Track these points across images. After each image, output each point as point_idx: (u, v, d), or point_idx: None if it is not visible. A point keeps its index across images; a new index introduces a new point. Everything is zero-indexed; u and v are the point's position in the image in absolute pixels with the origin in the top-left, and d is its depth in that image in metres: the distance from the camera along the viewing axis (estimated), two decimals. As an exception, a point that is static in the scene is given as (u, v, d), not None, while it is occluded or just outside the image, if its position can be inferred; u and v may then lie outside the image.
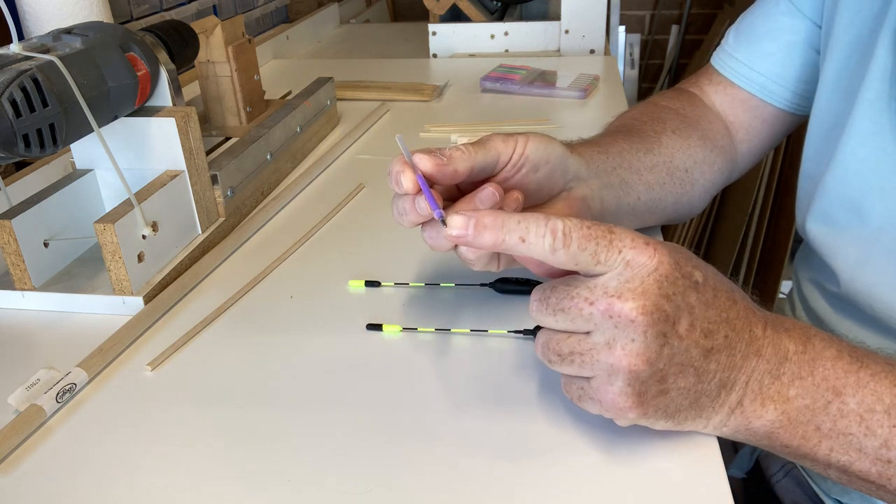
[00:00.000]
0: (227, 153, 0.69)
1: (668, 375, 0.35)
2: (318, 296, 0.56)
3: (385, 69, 1.19)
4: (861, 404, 0.36)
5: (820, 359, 0.37)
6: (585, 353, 0.36)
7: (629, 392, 0.35)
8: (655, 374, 0.35)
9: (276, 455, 0.41)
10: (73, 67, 0.50)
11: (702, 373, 0.36)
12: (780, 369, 0.37)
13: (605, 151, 0.55)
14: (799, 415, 0.37)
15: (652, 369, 0.35)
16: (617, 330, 0.35)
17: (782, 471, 0.63)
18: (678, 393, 0.36)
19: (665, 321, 0.35)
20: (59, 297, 0.56)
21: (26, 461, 0.42)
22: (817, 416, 0.37)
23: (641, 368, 0.35)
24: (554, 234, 0.35)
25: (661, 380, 0.35)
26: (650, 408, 0.36)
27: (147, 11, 1.07)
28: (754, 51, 0.64)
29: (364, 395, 0.45)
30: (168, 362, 0.50)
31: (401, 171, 0.41)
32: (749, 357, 0.37)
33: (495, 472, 0.39)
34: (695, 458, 0.39)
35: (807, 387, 0.37)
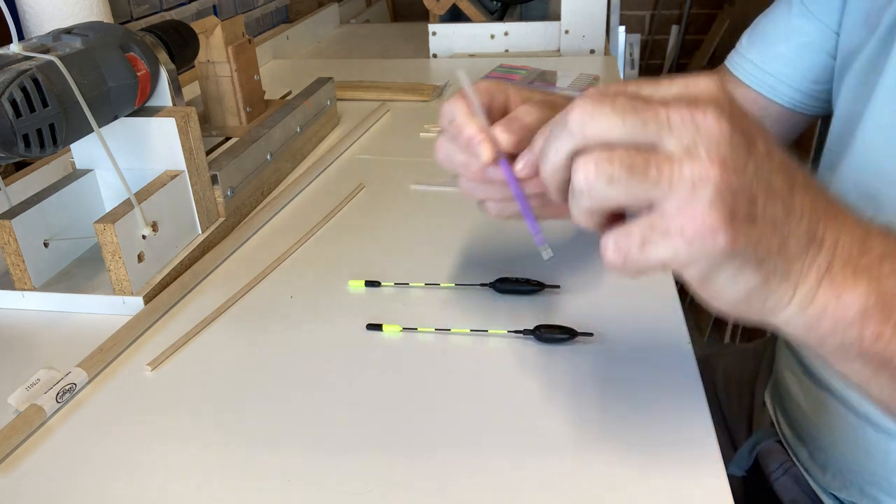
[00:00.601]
0: (227, 153, 0.69)
1: (757, 197, 0.30)
2: (318, 296, 0.56)
3: (385, 69, 1.19)
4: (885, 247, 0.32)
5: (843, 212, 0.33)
6: (665, 164, 0.29)
7: (720, 206, 0.28)
8: (745, 190, 0.29)
9: (276, 455, 0.41)
10: (73, 67, 0.50)
11: (789, 207, 0.31)
12: (866, 241, 0.32)
13: None
14: (892, 297, 0.31)
15: (741, 181, 0.29)
16: (699, 135, 0.29)
17: (781, 468, 0.63)
18: (766, 226, 0.30)
19: (744, 135, 0.29)
20: (59, 297, 0.56)
21: (26, 461, 0.42)
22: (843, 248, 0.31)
23: (732, 177, 0.29)
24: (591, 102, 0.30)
25: (751, 200, 0.30)
26: (741, 235, 0.29)
27: (147, 11, 1.07)
28: (766, 52, 0.65)
29: (364, 395, 0.45)
30: (168, 362, 0.50)
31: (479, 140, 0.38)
32: (832, 215, 0.32)
33: (495, 472, 0.39)
34: (694, 457, 0.39)
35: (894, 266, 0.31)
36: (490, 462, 0.40)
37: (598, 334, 0.49)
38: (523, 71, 1.07)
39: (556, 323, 0.50)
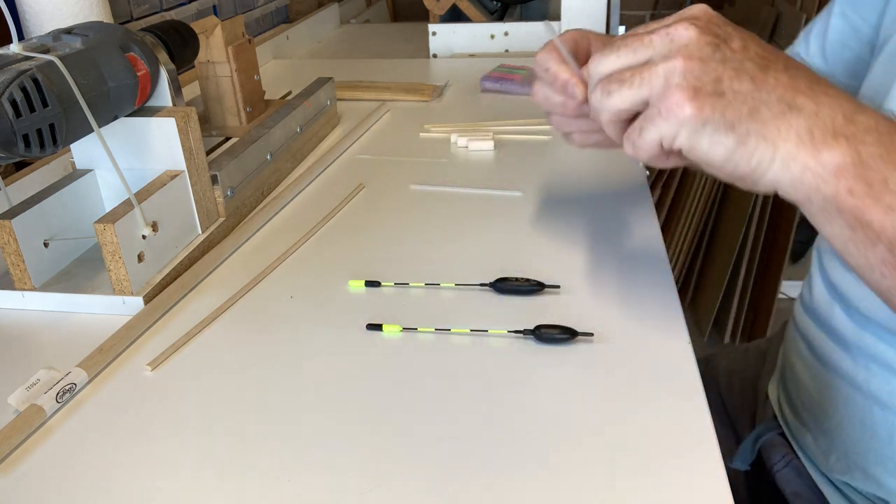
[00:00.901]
0: (227, 153, 0.69)
1: (722, 77, 0.37)
2: (318, 296, 0.56)
3: (385, 69, 1.19)
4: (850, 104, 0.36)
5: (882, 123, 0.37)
6: (645, 71, 0.39)
7: (684, 85, 0.37)
8: (709, 72, 0.37)
9: (276, 455, 0.41)
10: (73, 67, 0.50)
11: (759, 82, 0.37)
12: (854, 115, 0.37)
13: None
14: (871, 160, 0.35)
15: (705, 66, 0.37)
16: (673, 44, 0.38)
17: (783, 460, 0.63)
18: (735, 96, 0.37)
19: (716, 37, 0.38)
20: (59, 297, 0.56)
21: (26, 461, 0.42)
22: (888, 169, 0.35)
23: (695, 64, 0.37)
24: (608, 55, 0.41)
25: (716, 80, 0.37)
26: (706, 105, 0.37)
27: (147, 11, 1.07)
28: (808, 47, 0.70)
29: (364, 395, 0.45)
30: (168, 362, 0.50)
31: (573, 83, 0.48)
32: (815, 89, 0.37)
33: (495, 471, 0.39)
34: (695, 457, 0.39)
35: (883, 140, 0.36)
36: (490, 462, 0.40)
37: (598, 334, 0.49)
38: (523, 71, 1.07)
39: (556, 323, 0.50)
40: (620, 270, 0.57)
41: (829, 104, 0.37)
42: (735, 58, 0.38)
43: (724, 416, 0.78)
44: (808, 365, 0.61)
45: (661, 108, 0.38)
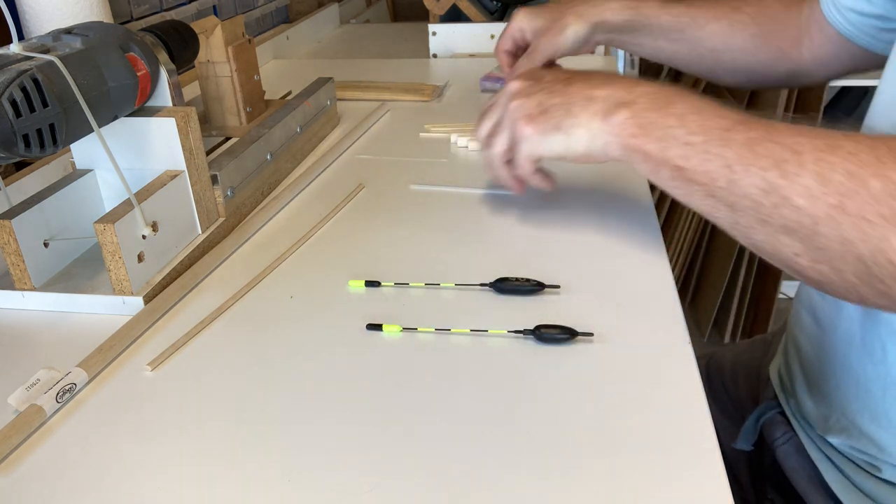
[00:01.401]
0: (227, 153, 0.69)
1: (542, 100, 0.55)
2: (318, 296, 0.56)
3: (385, 69, 1.19)
4: (683, 109, 0.48)
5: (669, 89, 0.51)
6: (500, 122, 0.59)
7: (521, 117, 0.56)
8: (532, 100, 0.56)
9: (276, 454, 0.41)
10: (73, 67, 0.50)
11: (566, 93, 0.54)
12: (633, 87, 0.52)
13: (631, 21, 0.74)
14: (642, 112, 0.50)
15: (528, 98, 0.56)
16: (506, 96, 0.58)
17: (783, 437, 0.65)
18: (553, 108, 0.54)
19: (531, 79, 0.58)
20: (59, 297, 0.56)
21: (26, 461, 0.42)
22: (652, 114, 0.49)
23: (522, 100, 0.56)
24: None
25: (538, 103, 0.55)
26: (538, 121, 0.55)
27: (147, 11, 1.07)
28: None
29: (364, 395, 0.45)
30: (168, 362, 0.50)
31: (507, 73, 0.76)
32: (606, 82, 0.54)
33: (495, 471, 0.39)
34: (695, 457, 0.39)
35: (653, 98, 0.50)
36: (490, 461, 0.40)
37: (598, 334, 0.49)
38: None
39: (556, 323, 0.50)
40: (620, 270, 0.57)
41: (616, 87, 0.52)
42: (546, 86, 0.56)
43: (728, 405, 0.79)
44: (809, 332, 0.63)
45: (516, 138, 0.56)
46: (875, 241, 0.38)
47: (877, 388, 0.55)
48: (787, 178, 0.42)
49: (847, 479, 0.59)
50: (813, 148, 0.42)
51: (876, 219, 0.38)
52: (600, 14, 0.74)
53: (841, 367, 0.58)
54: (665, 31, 0.75)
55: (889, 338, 0.53)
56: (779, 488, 0.67)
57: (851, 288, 0.41)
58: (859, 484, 0.58)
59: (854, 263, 0.40)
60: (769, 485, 0.69)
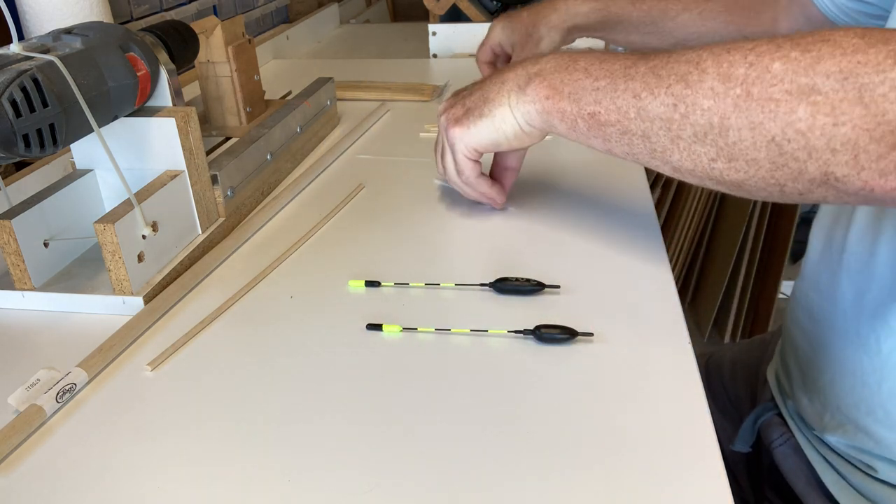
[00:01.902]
0: (227, 153, 0.69)
1: (465, 103, 0.60)
2: (318, 296, 0.56)
3: (385, 69, 1.19)
4: (588, 61, 0.52)
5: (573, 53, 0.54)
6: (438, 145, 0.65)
7: (448, 123, 0.60)
8: (456, 106, 0.61)
9: (276, 455, 0.41)
10: (73, 67, 0.50)
11: (482, 86, 0.59)
12: (539, 60, 0.55)
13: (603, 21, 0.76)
14: (550, 76, 0.53)
15: (452, 107, 0.61)
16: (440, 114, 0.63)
17: (781, 438, 0.66)
18: (475, 103, 0.59)
19: (456, 94, 0.64)
20: (59, 297, 0.56)
21: (26, 461, 0.42)
22: (560, 74, 0.53)
23: (448, 112, 0.61)
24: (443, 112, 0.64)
25: (461, 106, 0.60)
26: (462, 120, 0.59)
27: (147, 11, 1.07)
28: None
29: (364, 395, 0.45)
30: (168, 362, 0.50)
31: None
32: (515, 66, 0.57)
33: (495, 471, 0.39)
34: (695, 457, 0.39)
35: (558, 63, 0.53)
36: (490, 461, 0.40)
37: (598, 334, 0.49)
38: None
39: (556, 323, 0.50)
40: (620, 270, 0.57)
41: (524, 66, 0.56)
42: (467, 91, 0.62)
43: (727, 405, 0.79)
44: (805, 329, 0.63)
45: (451, 146, 0.61)
46: (783, 115, 0.39)
47: (872, 380, 0.55)
48: (691, 87, 0.43)
49: (844, 479, 0.59)
50: (711, 53, 0.43)
51: (781, 95, 0.39)
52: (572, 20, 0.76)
53: (836, 362, 0.58)
54: (636, 25, 0.76)
55: (884, 330, 0.53)
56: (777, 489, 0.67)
57: (770, 178, 0.42)
58: (856, 485, 0.58)
59: (767, 148, 0.41)
60: (767, 486, 0.69)
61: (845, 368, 0.57)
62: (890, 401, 0.54)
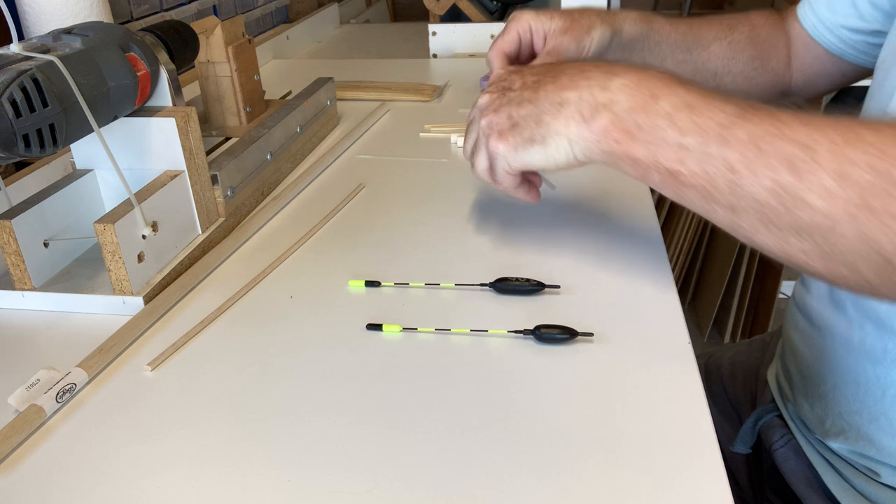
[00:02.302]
0: (227, 153, 0.69)
1: (511, 113, 0.51)
2: (318, 296, 0.56)
3: (385, 69, 1.19)
4: (671, 104, 0.43)
5: (650, 79, 0.45)
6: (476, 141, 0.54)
7: (491, 133, 0.52)
8: (501, 115, 0.51)
9: (276, 455, 0.41)
10: (73, 67, 0.50)
11: (535, 101, 0.50)
12: (608, 83, 0.46)
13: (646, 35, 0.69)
14: (624, 114, 0.45)
15: (497, 113, 0.51)
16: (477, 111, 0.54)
17: (782, 440, 0.65)
18: (524, 120, 0.50)
19: (500, 89, 0.53)
20: (59, 297, 0.56)
21: (26, 461, 0.42)
22: (636, 115, 0.44)
23: (491, 116, 0.52)
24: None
25: (508, 117, 0.51)
26: (509, 137, 0.51)
27: (147, 11, 1.07)
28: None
29: (364, 395, 0.45)
30: (168, 362, 0.50)
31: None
32: (576, 80, 0.48)
33: (495, 471, 0.39)
34: (695, 457, 0.39)
35: (632, 95, 0.45)
36: (490, 461, 0.40)
37: (598, 334, 0.49)
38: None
39: (556, 323, 0.50)
40: (620, 270, 0.57)
41: (587, 86, 0.47)
42: (515, 95, 0.51)
43: (727, 406, 0.79)
44: (805, 334, 0.63)
45: (491, 156, 0.53)
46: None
47: (876, 388, 0.55)
48: (801, 178, 0.38)
49: (846, 482, 0.59)
50: (828, 142, 0.38)
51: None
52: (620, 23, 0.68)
53: (838, 369, 0.58)
54: (673, 50, 0.71)
55: (890, 338, 0.53)
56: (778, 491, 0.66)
57: (865, 283, 0.39)
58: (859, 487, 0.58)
59: (875, 262, 0.37)
60: (768, 488, 0.69)
61: (847, 376, 0.57)
62: (893, 409, 0.53)
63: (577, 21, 0.64)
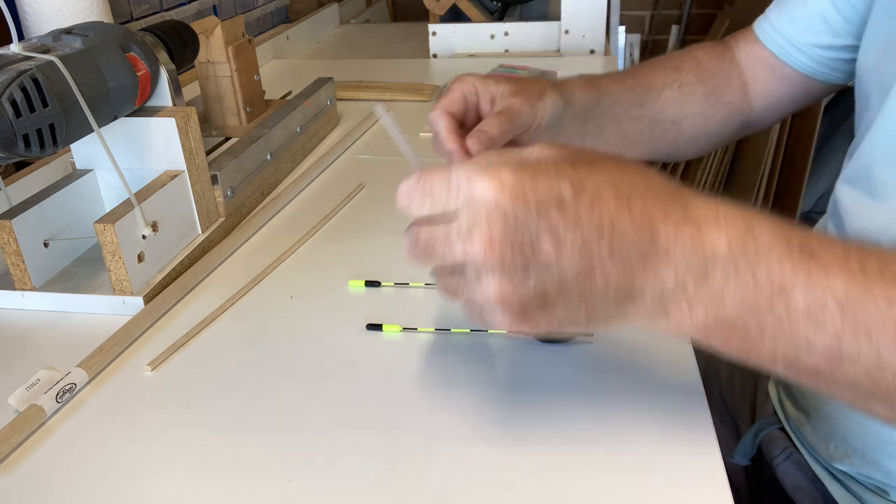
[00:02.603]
0: (227, 153, 0.69)
1: (546, 295, 0.34)
2: (318, 296, 0.56)
3: (385, 69, 1.19)
4: (811, 300, 0.33)
5: (765, 255, 0.33)
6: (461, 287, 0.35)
7: (510, 317, 0.34)
8: (531, 299, 0.33)
9: (276, 454, 0.41)
10: (73, 67, 0.50)
11: (586, 289, 0.34)
12: (706, 270, 0.34)
13: (597, 100, 0.64)
14: (737, 316, 0.34)
15: (522, 298, 0.33)
16: (477, 270, 0.34)
17: (783, 454, 0.63)
18: (566, 307, 0.34)
19: (519, 251, 0.32)
20: (59, 297, 0.56)
21: (26, 461, 0.42)
22: (760, 314, 0.34)
23: (511, 299, 0.33)
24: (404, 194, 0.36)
25: (540, 300, 0.34)
26: (540, 319, 0.34)
27: (147, 11, 1.07)
28: (783, 13, 0.68)
29: (364, 395, 0.45)
30: (168, 362, 0.50)
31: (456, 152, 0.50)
32: (655, 262, 0.34)
33: (495, 471, 0.39)
34: (695, 458, 0.39)
35: (746, 284, 0.33)
36: (490, 461, 0.40)
37: (598, 334, 0.49)
38: (523, 71, 1.07)
39: (556, 323, 0.50)
40: (620, 270, 0.57)
41: (674, 267, 0.34)
42: (551, 270, 0.33)
43: (725, 413, 0.78)
44: None
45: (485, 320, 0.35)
46: None
47: None
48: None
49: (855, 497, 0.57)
50: None
51: None
52: (570, 91, 0.62)
53: None
54: (627, 108, 0.67)
55: None
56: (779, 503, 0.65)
57: None
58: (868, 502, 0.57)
59: None
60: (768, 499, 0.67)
61: None
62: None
63: (527, 86, 0.58)
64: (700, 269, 0.34)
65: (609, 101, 0.65)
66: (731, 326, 0.34)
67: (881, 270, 0.33)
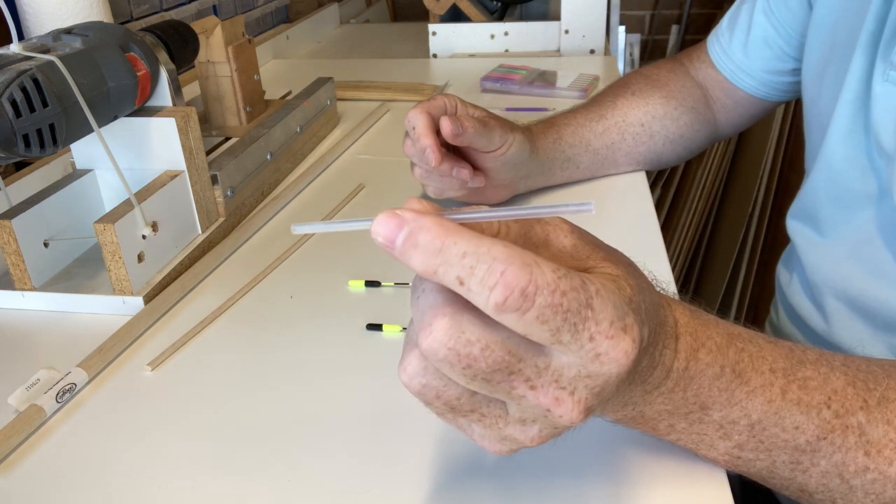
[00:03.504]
0: (227, 153, 0.69)
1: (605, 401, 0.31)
2: (318, 296, 0.56)
3: (385, 69, 1.19)
4: (724, 418, 0.35)
5: (698, 378, 0.34)
6: (489, 417, 0.29)
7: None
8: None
9: (276, 455, 0.41)
10: (73, 67, 0.50)
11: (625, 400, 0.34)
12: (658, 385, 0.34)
13: (559, 137, 0.67)
14: (655, 414, 0.35)
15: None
16: (545, 419, 0.29)
17: None
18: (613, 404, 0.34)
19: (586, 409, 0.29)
20: (59, 297, 0.56)
21: (26, 461, 0.42)
22: (674, 418, 0.35)
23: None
24: (507, 291, 0.25)
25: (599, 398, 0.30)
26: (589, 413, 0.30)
27: (147, 11, 1.07)
28: (732, 38, 0.70)
29: (364, 395, 0.45)
30: (168, 362, 0.50)
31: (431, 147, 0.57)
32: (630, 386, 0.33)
33: (495, 471, 0.39)
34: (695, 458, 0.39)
35: (675, 399, 0.34)
36: (490, 461, 0.40)
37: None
38: (523, 71, 1.07)
39: (556, 323, 0.50)
40: (620, 270, 0.57)
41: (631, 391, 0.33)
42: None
43: None
44: None
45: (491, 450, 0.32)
46: None
47: None
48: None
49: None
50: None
51: None
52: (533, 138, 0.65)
53: None
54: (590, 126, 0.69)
55: None
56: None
57: None
58: None
59: None
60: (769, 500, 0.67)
61: None
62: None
63: (500, 118, 0.62)
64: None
65: (570, 129, 0.69)
66: (643, 420, 0.35)
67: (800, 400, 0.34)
